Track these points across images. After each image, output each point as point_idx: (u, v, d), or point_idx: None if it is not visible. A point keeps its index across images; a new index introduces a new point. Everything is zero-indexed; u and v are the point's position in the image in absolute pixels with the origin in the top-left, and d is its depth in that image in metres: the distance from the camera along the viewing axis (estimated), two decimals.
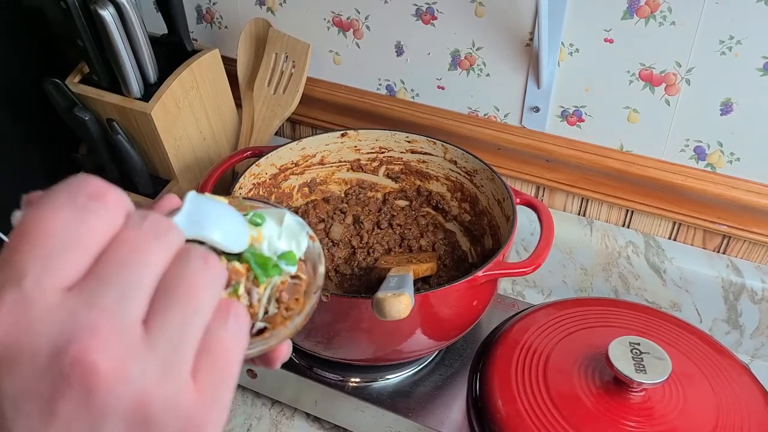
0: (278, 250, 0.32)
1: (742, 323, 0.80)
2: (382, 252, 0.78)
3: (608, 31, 0.73)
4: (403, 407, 0.68)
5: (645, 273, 0.82)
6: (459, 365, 0.73)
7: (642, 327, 0.69)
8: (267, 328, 0.31)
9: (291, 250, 0.32)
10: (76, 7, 0.72)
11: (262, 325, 0.31)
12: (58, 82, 0.79)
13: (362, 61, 0.90)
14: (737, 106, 0.72)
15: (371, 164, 0.83)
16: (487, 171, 0.75)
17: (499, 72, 0.82)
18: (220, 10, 0.95)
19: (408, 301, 0.53)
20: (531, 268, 0.61)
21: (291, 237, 0.33)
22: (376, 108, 0.91)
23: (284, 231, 0.32)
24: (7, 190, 0.88)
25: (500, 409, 0.62)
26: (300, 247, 0.33)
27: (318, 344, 0.65)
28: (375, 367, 0.71)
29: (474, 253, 0.79)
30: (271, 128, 0.88)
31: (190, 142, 0.84)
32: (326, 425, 0.74)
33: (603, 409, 0.60)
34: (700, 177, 0.77)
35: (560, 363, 0.65)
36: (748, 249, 0.79)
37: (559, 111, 0.81)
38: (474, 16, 0.79)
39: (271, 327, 0.31)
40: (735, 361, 0.66)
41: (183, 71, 0.79)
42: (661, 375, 0.58)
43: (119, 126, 0.80)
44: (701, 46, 0.70)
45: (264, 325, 0.31)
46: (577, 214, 0.87)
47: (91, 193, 0.24)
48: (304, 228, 0.34)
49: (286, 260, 0.32)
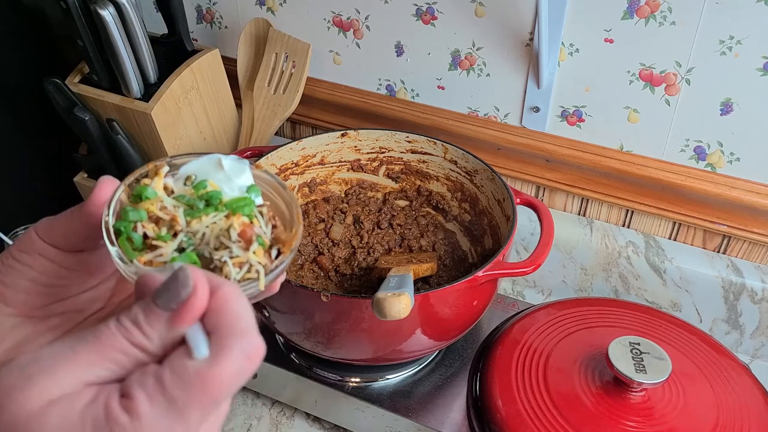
0: (241, 187, 0.34)
1: (742, 323, 0.80)
2: (382, 252, 0.78)
3: (608, 31, 0.73)
4: (403, 407, 0.68)
5: (645, 273, 0.82)
6: (459, 365, 0.73)
7: (642, 327, 0.69)
8: (280, 249, 0.34)
9: (252, 183, 0.35)
10: (76, 7, 0.72)
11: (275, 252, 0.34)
12: (59, 82, 0.79)
13: (362, 61, 0.90)
14: (737, 106, 0.72)
15: (371, 164, 0.83)
16: (487, 171, 0.75)
17: (499, 72, 0.82)
18: (220, 10, 0.95)
19: (408, 301, 0.53)
20: (531, 268, 0.61)
21: (239, 173, 0.35)
22: (377, 108, 0.91)
23: (230, 172, 0.35)
24: (6, 190, 0.89)
25: (500, 409, 0.62)
26: (251, 179, 0.35)
27: (318, 344, 0.65)
28: (375, 367, 0.71)
29: (474, 253, 0.79)
30: (271, 128, 0.88)
31: (190, 142, 0.84)
32: (326, 425, 0.74)
33: (603, 409, 0.60)
34: (700, 177, 0.77)
35: (560, 363, 0.65)
36: (748, 249, 0.79)
37: (559, 111, 0.81)
38: (474, 16, 0.79)
39: (283, 247, 0.34)
40: (735, 361, 0.66)
41: (183, 71, 0.79)
42: (661, 375, 0.58)
43: (119, 126, 0.80)
44: (701, 46, 0.70)
45: (278, 247, 0.34)
46: (577, 214, 0.87)
47: None
48: (244, 162, 0.36)
49: (252, 192, 0.34)
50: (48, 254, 0.34)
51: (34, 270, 0.34)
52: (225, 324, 0.28)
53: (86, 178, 0.87)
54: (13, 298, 0.34)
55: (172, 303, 0.28)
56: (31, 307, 0.34)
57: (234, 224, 0.32)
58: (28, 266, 0.34)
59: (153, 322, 0.28)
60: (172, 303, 0.28)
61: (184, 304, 0.28)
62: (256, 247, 0.32)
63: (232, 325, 0.28)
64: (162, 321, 0.28)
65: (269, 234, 0.34)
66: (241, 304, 0.29)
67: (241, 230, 0.32)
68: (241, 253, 0.32)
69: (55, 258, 0.34)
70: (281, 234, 0.35)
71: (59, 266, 0.34)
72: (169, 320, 0.28)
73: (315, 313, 0.61)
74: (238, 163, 0.35)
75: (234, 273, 0.32)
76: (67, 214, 0.34)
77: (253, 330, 0.29)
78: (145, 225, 0.32)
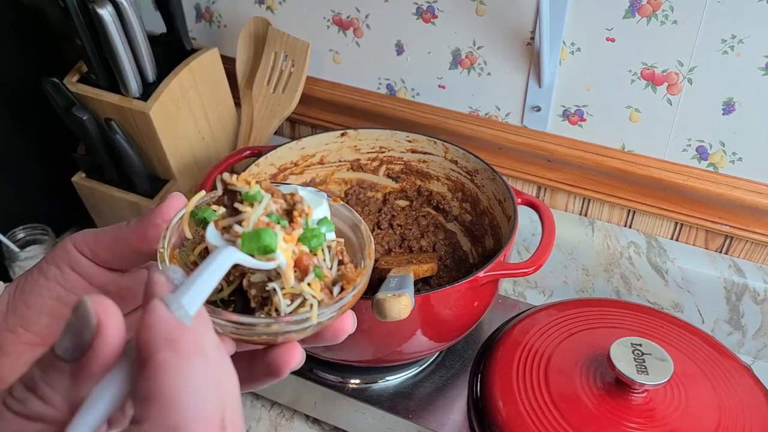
0: (313, 220, 0.33)
1: (745, 324, 0.80)
2: (382, 252, 0.77)
3: (610, 30, 0.73)
4: (404, 409, 0.67)
5: (647, 273, 0.82)
6: (460, 366, 0.72)
7: (644, 328, 0.69)
8: (343, 286, 0.32)
9: (325, 216, 0.33)
10: (74, 6, 0.71)
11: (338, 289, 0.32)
12: (57, 82, 0.78)
13: (362, 60, 0.89)
14: (739, 106, 0.71)
15: (371, 164, 0.83)
16: (488, 171, 0.74)
17: (500, 71, 0.81)
18: (219, 8, 0.95)
19: (408, 301, 0.52)
20: (532, 268, 0.61)
21: (315, 206, 0.33)
22: (376, 107, 0.90)
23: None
24: (4, 190, 0.89)
25: (501, 411, 0.61)
26: (326, 213, 0.34)
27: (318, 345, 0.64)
28: (375, 369, 0.70)
29: (475, 253, 0.78)
30: (270, 128, 0.88)
31: (188, 142, 0.83)
32: (326, 427, 0.74)
33: (604, 411, 0.59)
34: (702, 177, 0.76)
35: (561, 364, 0.64)
36: (751, 249, 0.79)
37: (561, 110, 0.81)
38: (475, 15, 0.79)
39: (346, 283, 0.32)
40: (737, 362, 0.66)
41: (182, 70, 0.79)
42: (663, 376, 0.57)
43: (117, 125, 0.80)
44: (703, 45, 0.69)
45: (341, 284, 0.32)
46: (578, 214, 0.87)
47: None
48: (321, 194, 0.34)
49: (323, 225, 0.33)
50: (81, 268, 0.30)
51: (61, 286, 0.30)
52: (138, 407, 0.21)
53: (84, 178, 0.87)
54: (36, 321, 0.29)
55: (72, 352, 0.21)
56: (55, 334, 0.29)
57: (294, 251, 0.30)
58: (56, 282, 0.30)
59: (54, 381, 0.21)
60: (73, 352, 0.21)
61: (88, 351, 0.21)
62: (312, 278, 0.30)
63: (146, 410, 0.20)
64: (65, 376, 0.21)
65: (334, 270, 0.32)
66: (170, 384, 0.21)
67: (298, 258, 0.30)
68: (293, 283, 0.30)
69: (90, 275, 0.31)
70: (349, 272, 0.33)
71: (92, 285, 0.31)
72: (72, 374, 0.21)
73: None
74: (314, 195, 0.34)
75: (284, 304, 0.30)
76: (120, 227, 0.31)
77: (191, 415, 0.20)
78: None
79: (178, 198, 0.32)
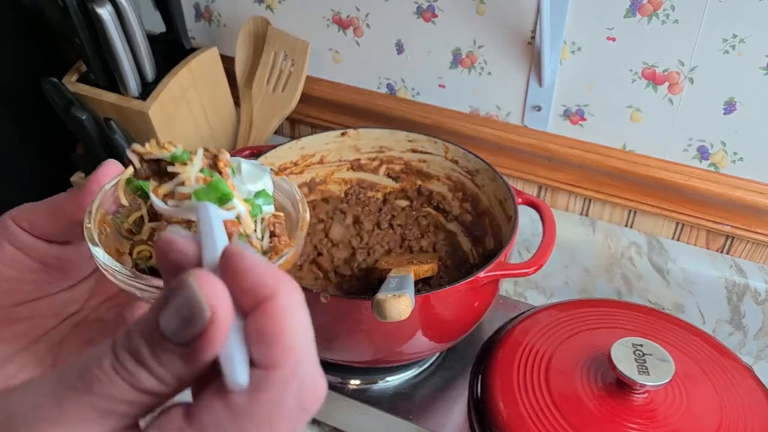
0: (250, 192, 0.33)
1: (746, 324, 0.80)
2: (382, 253, 0.77)
3: (611, 30, 0.73)
4: (404, 410, 0.67)
5: (648, 274, 0.81)
6: (460, 367, 0.72)
7: (645, 328, 0.68)
8: (271, 257, 0.32)
9: (263, 189, 0.33)
10: (74, 5, 0.71)
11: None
12: (56, 81, 0.78)
13: (362, 60, 0.89)
14: (741, 105, 0.71)
15: (371, 164, 0.82)
16: (488, 170, 0.74)
17: (500, 70, 0.81)
18: (218, 8, 0.94)
19: (408, 302, 0.52)
20: (533, 268, 0.61)
21: (256, 179, 0.33)
22: (377, 107, 0.90)
23: (245, 176, 0.33)
24: (3, 189, 0.88)
25: (502, 412, 0.61)
26: (268, 186, 0.33)
27: (317, 346, 0.64)
28: (375, 369, 0.70)
29: (475, 253, 0.78)
30: (270, 127, 0.88)
31: (188, 142, 0.83)
32: (325, 428, 0.73)
33: (605, 411, 0.59)
34: (704, 177, 0.76)
35: (562, 365, 0.64)
36: (752, 249, 0.79)
37: (562, 110, 0.80)
38: (475, 14, 0.78)
39: (274, 255, 0.32)
40: (738, 362, 0.66)
41: (181, 70, 0.79)
42: (664, 377, 0.57)
43: (117, 125, 0.80)
44: (704, 45, 0.69)
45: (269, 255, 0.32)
46: (579, 214, 0.86)
47: None
48: (265, 169, 0.34)
49: (261, 198, 0.32)
50: (19, 243, 0.30)
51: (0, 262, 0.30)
52: (273, 353, 0.22)
53: (83, 178, 0.87)
54: None
55: (182, 335, 0.21)
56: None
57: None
58: None
59: (164, 361, 0.21)
60: (183, 335, 0.21)
61: (201, 339, 0.21)
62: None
63: (283, 354, 0.21)
64: (176, 358, 0.21)
65: (266, 242, 0.32)
66: (296, 325, 0.22)
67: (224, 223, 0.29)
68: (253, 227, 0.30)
69: (29, 248, 0.30)
70: (281, 244, 0.32)
71: (31, 258, 0.31)
72: (184, 357, 0.21)
73: (314, 315, 0.59)
74: (257, 168, 0.33)
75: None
76: (56, 198, 0.31)
77: (310, 361, 0.22)
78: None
79: (113, 165, 0.31)
